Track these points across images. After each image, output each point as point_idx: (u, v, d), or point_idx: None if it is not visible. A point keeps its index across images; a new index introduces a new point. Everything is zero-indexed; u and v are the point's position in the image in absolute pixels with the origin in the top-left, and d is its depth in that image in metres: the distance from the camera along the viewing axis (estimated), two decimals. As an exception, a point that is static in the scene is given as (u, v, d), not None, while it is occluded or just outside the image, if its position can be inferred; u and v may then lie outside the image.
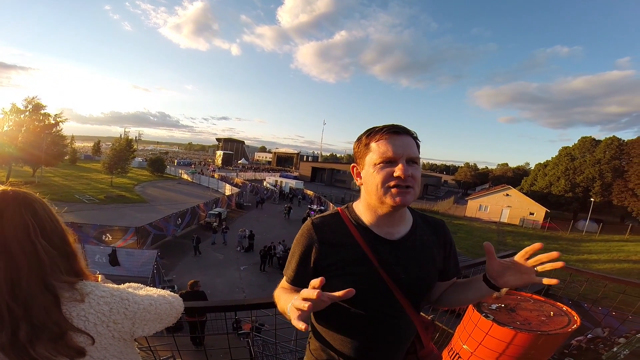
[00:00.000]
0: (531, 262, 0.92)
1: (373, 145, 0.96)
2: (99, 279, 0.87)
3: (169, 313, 0.95)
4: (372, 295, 0.99)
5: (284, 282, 1.11)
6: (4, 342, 0.66)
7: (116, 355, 0.81)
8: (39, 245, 0.74)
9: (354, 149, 1.05)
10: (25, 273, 0.71)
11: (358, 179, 1.03)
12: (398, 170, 0.91)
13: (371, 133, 0.98)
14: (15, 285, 0.69)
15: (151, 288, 0.97)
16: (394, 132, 0.95)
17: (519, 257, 0.94)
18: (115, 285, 0.87)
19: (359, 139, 1.02)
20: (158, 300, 0.92)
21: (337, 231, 1.03)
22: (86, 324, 0.75)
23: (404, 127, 0.97)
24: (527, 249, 0.93)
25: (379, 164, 0.94)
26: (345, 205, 1.11)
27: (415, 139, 0.98)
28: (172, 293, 1.02)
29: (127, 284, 0.90)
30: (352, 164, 1.07)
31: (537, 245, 0.91)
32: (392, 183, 0.93)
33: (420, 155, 1.00)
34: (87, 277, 0.85)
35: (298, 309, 0.76)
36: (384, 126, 0.97)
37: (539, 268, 0.91)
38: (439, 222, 1.15)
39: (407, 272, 1.01)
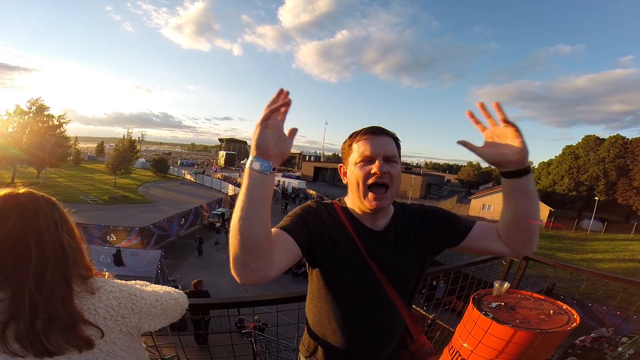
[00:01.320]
0: (499, 117, 0.86)
1: (354, 145, 1.03)
2: (106, 277, 0.89)
3: (174, 309, 0.98)
4: (360, 282, 1.03)
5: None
6: (21, 332, 0.69)
7: (124, 349, 0.84)
8: (65, 239, 0.81)
9: (341, 150, 1.12)
10: (52, 264, 0.76)
11: (344, 178, 1.10)
12: (374, 167, 0.97)
13: (353, 135, 1.06)
14: (40, 276, 0.74)
15: (157, 285, 1.00)
16: (372, 132, 1.01)
17: (486, 127, 0.92)
18: (124, 282, 0.90)
19: (345, 141, 1.09)
20: (164, 296, 0.95)
21: (332, 216, 1.08)
22: (96, 318, 0.78)
23: (383, 128, 1.04)
24: (478, 107, 0.90)
25: (359, 162, 1.00)
26: (338, 199, 1.17)
27: (395, 139, 1.05)
28: (177, 290, 1.05)
29: (133, 281, 0.93)
30: (340, 164, 1.13)
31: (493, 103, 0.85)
32: (370, 181, 0.98)
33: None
34: (96, 274, 0.88)
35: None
36: (364, 128, 1.04)
37: (501, 119, 0.85)
38: (413, 206, 1.18)
39: (391, 260, 1.05)
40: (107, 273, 0.90)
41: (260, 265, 0.78)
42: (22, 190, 0.81)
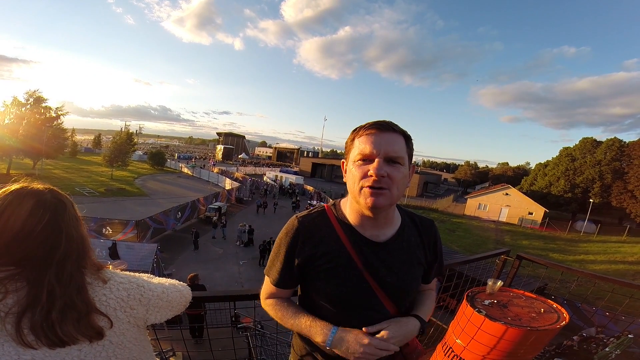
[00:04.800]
0: None
1: (356, 141, 0.93)
2: (110, 268, 0.91)
3: (179, 301, 1.00)
4: (356, 297, 0.96)
5: (270, 285, 1.07)
6: (37, 321, 0.70)
7: (132, 341, 0.86)
8: (84, 233, 0.85)
9: (344, 145, 1.03)
10: (74, 256, 0.79)
11: (345, 176, 1.00)
12: (371, 169, 0.87)
13: (357, 129, 0.94)
14: (61, 266, 0.76)
15: (162, 278, 1.02)
16: (378, 128, 0.90)
17: None
18: (132, 273, 0.92)
19: (349, 136, 0.99)
20: (169, 288, 0.97)
21: (322, 230, 0.99)
22: (107, 309, 0.80)
23: (390, 124, 0.92)
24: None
25: (358, 160, 0.91)
26: (333, 202, 1.07)
27: (406, 137, 0.94)
28: (181, 282, 1.07)
29: (139, 274, 0.95)
30: (342, 160, 1.03)
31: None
32: (365, 182, 0.88)
33: (414, 155, 0.96)
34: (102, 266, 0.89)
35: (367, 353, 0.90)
36: (370, 122, 0.93)
37: None
38: (426, 222, 1.10)
39: (392, 275, 0.98)
40: (110, 266, 0.91)
41: None
42: (41, 186, 0.83)
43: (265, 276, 1.09)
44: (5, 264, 0.74)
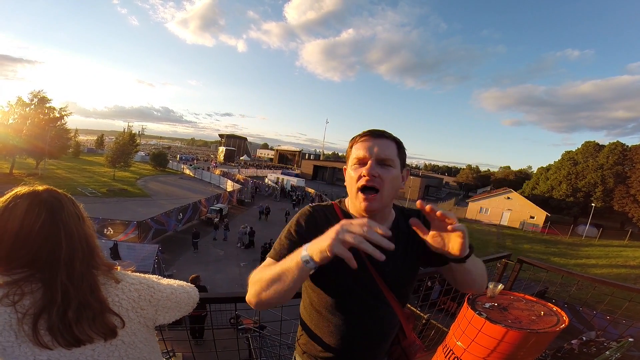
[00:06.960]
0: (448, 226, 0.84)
1: (353, 148, 1.04)
2: (118, 269, 0.93)
3: (186, 302, 1.02)
4: (359, 286, 1.04)
5: (268, 260, 1.03)
6: (54, 322, 0.71)
7: (142, 341, 0.87)
8: (88, 232, 0.86)
9: (346, 152, 1.14)
10: (80, 255, 0.80)
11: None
12: (364, 170, 0.96)
13: (354, 138, 1.07)
14: (71, 266, 0.78)
15: (170, 279, 1.04)
16: (370, 135, 1.02)
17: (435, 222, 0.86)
18: (142, 274, 0.94)
19: (349, 144, 1.09)
20: (178, 289, 0.99)
21: (331, 221, 1.04)
22: (119, 309, 0.81)
23: (382, 131, 1.03)
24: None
25: (354, 164, 1.02)
26: (339, 200, 1.17)
27: (398, 143, 1.03)
28: (188, 284, 1.09)
29: (148, 275, 0.97)
30: (344, 166, 1.13)
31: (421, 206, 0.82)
32: (359, 183, 0.97)
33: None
34: (112, 266, 0.91)
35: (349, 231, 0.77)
36: (365, 131, 1.05)
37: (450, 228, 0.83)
38: (415, 212, 1.16)
39: (392, 266, 1.05)
40: (119, 267, 0.93)
41: (275, 304, 0.91)
42: (40, 187, 0.84)
43: (267, 258, 1.05)
44: (20, 266, 0.75)
